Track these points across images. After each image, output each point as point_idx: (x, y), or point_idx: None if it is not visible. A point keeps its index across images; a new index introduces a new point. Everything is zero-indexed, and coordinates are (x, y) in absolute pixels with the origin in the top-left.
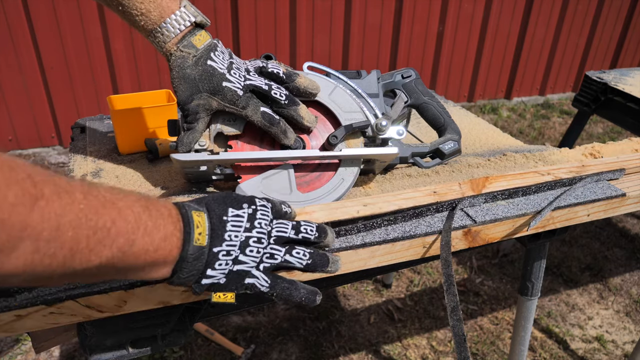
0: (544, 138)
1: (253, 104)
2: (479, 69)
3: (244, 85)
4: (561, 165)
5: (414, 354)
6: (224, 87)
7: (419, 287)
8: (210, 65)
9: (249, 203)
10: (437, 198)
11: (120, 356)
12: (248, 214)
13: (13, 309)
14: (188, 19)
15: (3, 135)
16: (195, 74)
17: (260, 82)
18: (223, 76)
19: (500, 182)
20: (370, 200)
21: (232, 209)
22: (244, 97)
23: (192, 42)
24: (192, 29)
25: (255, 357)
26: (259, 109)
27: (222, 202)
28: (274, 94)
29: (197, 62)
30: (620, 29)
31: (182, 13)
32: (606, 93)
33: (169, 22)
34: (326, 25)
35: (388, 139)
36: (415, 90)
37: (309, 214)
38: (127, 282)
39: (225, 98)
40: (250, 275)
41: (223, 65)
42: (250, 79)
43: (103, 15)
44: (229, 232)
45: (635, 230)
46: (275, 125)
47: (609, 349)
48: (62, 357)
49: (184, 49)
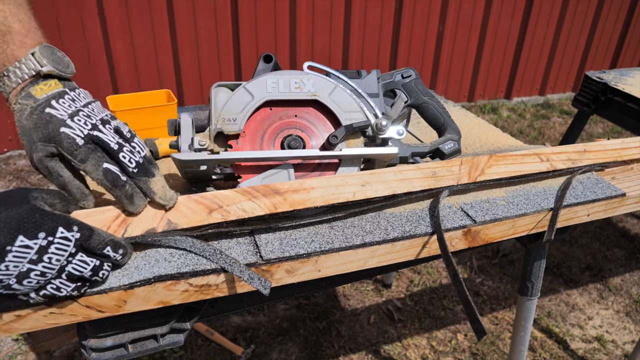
0: (544, 138)
1: (95, 158)
2: (479, 69)
3: (87, 135)
4: (563, 149)
5: (414, 354)
6: (60, 133)
7: (419, 287)
8: (48, 112)
9: (47, 233)
10: (434, 182)
11: (120, 356)
12: (40, 246)
13: (13, 309)
14: (33, 68)
15: (3, 135)
16: (29, 124)
17: (110, 138)
18: (62, 122)
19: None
20: (370, 179)
21: (23, 238)
22: (84, 147)
23: (30, 92)
24: (36, 79)
25: (255, 357)
26: (102, 165)
27: (16, 225)
28: (122, 157)
29: (32, 112)
30: (620, 29)
31: (27, 61)
32: (606, 93)
33: (11, 71)
34: (326, 25)
35: (388, 138)
36: (415, 90)
37: (307, 190)
38: (127, 282)
39: (62, 145)
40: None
41: (65, 112)
42: (99, 129)
43: (103, 15)
44: (7, 264)
45: (635, 230)
46: (119, 187)
47: (609, 349)
48: (62, 357)
49: (22, 101)
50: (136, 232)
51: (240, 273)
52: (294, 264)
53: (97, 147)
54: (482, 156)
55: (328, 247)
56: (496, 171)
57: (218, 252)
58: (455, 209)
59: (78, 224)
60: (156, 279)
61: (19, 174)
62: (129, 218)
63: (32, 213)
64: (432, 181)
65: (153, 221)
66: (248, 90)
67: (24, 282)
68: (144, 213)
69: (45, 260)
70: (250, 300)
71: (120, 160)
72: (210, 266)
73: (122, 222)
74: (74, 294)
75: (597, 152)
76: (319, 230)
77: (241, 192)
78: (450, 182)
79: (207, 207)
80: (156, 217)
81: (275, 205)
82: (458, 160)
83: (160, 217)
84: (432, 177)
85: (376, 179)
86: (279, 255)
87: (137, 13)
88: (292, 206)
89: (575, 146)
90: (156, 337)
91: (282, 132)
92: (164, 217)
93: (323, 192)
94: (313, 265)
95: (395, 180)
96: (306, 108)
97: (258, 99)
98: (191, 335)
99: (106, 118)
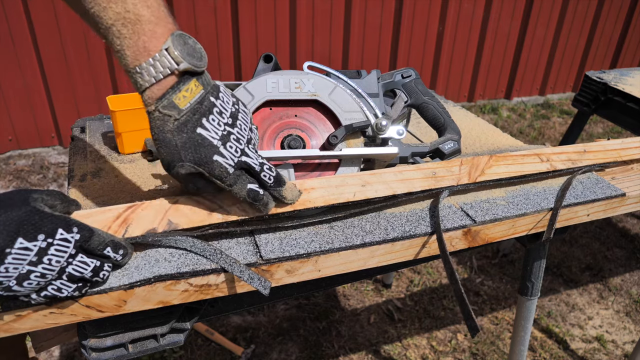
0: (544, 138)
1: (241, 182)
2: (479, 69)
3: (237, 162)
4: (563, 149)
5: (414, 354)
6: (213, 162)
7: (419, 287)
8: (200, 133)
9: (46, 235)
10: (434, 183)
11: (120, 356)
12: (40, 248)
13: (13, 309)
14: (168, 66)
15: (3, 135)
16: (177, 141)
17: (255, 161)
18: (215, 149)
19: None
20: (370, 179)
21: (23, 240)
22: (234, 174)
23: (173, 101)
24: (176, 82)
25: (255, 357)
26: (246, 187)
27: (16, 228)
28: (263, 176)
29: (180, 129)
30: (620, 29)
31: (161, 58)
32: (606, 93)
33: (144, 69)
34: (326, 25)
35: (388, 138)
36: (415, 90)
37: (308, 191)
38: (127, 282)
39: (212, 172)
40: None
41: (217, 134)
42: (246, 154)
43: None
44: (7, 266)
45: (635, 230)
46: (258, 201)
47: (609, 349)
48: (62, 357)
49: (163, 110)
50: (137, 233)
51: (240, 273)
52: (294, 264)
53: (243, 171)
54: (482, 156)
55: (328, 247)
56: (496, 171)
57: (218, 252)
58: (455, 208)
59: (78, 225)
60: (156, 279)
61: (19, 174)
62: (130, 218)
63: (31, 215)
64: (433, 181)
65: (153, 221)
66: (248, 90)
67: (24, 283)
68: (144, 213)
69: (45, 261)
70: (250, 300)
71: (262, 179)
72: (210, 266)
73: (123, 222)
74: (75, 295)
75: (597, 153)
76: (319, 230)
77: None
78: (450, 182)
79: (208, 207)
80: (157, 218)
81: (276, 206)
82: (458, 161)
83: (160, 218)
84: (433, 178)
85: (376, 179)
86: (279, 255)
87: None
88: (292, 206)
89: (575, 146)
90: (156, 337)
91: (282, 132)
92: (164, 217)
93: (323, 193)
94: (313, 265)
95: (396, 180)
96: (306, 108)
97: (258, 99)
98: (191, 335)
99: (250, 136)
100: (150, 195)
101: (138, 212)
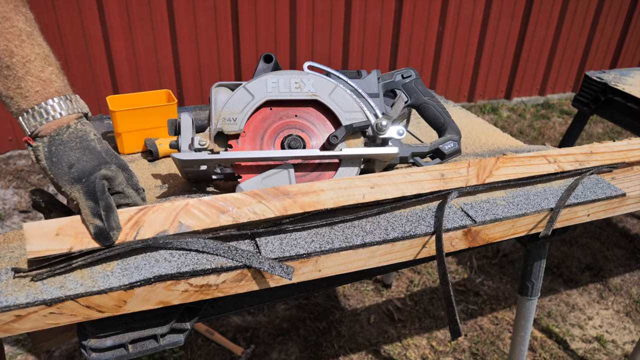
0: (544, 138)
1: None
2: (479, 69)
3: None
4: (570, 151)
5: (414, 354)
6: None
7: (419, 287)
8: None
9: None
10: (442, 184)
11: (120, 356)
12: None
13: (13, 309)
14: (79, 109)
15: (3, 135)
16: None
17: None
18: None
19: (508, 166)
20: (378, 181)
21: None
22: None
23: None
24: None
25: (255, 357)
26: None
27: None
28: None
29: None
30: (620, 29)
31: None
32: (606, 93)
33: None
34: (326, 25)
35: (388, 138)
36: (415, 90)
37: (317, 193)
38: (127, 282)
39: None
40: None
41: None
42: None
43: (103, 15)
44: None
45: (635, 230)
46: None
47: (609, 349)
48: (62, 357)
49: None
50: (148, 235)
51: (260, 264)
52: (294, 264)
53: None
54: (489, 158)
55: (328, 247)
56: (504, 173)
57: (233, 249)
58: (455, 209)
59: None
60: (156, 279)
61: (19, 174)
62: (141, 221)
63: None
64: (441, 183)
65: (164, 224)
66: (248, 90)
67: None
68: (155, 215)
69: None
70: (250, 300)
71: None
72: (211, 265)
73: (134, 224)
74: None
75: (604, 154)
76: (319, 230)
77: (251, 195)
78: (458, 183)
79: (218, 209)
80: (167, 220)
81: (286, 208)
82: (466, 162)
83: (171, 220)
84: (441, 179)
85: (385, 181)
86: (279, 255)
87: (137, 13)
88: (302, 208)
89: (581, 148)
90: (156, 337)
91: (282, 132)
92: (175, 219)
93: (333, 194)
94: (313, 265)
95: (405, 182)
96: (306, 108)
97: (258, 99)
98: (191, 335)
99: None
100: (150, 195)
101: (149, 215)
